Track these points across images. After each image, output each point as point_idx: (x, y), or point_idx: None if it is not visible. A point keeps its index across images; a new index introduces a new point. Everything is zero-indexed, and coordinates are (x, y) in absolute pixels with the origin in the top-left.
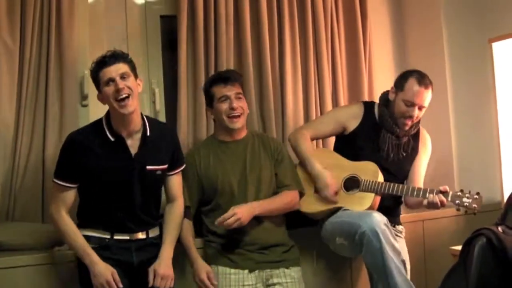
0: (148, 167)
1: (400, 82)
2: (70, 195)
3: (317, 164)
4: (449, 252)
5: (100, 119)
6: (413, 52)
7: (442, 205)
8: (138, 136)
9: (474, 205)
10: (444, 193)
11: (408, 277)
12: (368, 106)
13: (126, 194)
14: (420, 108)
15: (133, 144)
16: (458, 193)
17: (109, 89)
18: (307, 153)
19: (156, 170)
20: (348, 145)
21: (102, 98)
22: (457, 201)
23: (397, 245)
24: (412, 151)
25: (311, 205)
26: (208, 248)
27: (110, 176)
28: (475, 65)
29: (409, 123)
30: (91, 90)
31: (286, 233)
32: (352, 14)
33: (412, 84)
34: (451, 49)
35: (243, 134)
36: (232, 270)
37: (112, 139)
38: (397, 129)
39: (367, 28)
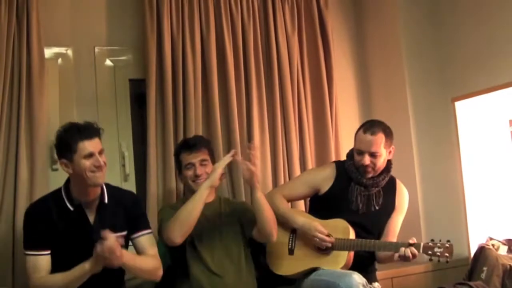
0: None
1: (356, 133)
2: (47, 261)
3: (300, 217)
4: None
5: (59, 189)
6: (378, 110)
7: (414, 257)
8: (96, 203)
9: (446, 254)
10: (414, 245)
11: None
12: (340, 165)
13: None
14: (371, 155)
15: (91, 213)
16: (429, 244)
17: (87, 162)
18: (286, 210)
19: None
20: (323, 205)
21: (72, 167)
22: (429, 252)
23: None
24: (388, 205)
25: (289, 268)
26: None
27: (70, 244)
28: (438, 121)
29: (369, 170)
30: None
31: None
32: (318, 78)
33: (359, 134)
34: (415, 107)
35: (211, 198)
36: None
37: (71, 208)
38: (363, 179)
39: (333, 90)
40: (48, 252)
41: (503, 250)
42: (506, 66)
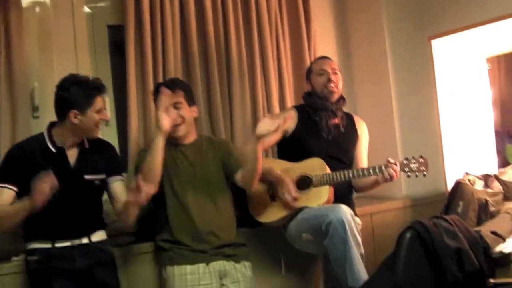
0: (86, 176)
1: (308, 72)
2: (9, 195)
3: (277, 170)
4: None
5: (41, 133)
6: (357, 50)
7: (395, 172)
8: (76, 148)
9: (422, 168)
10: (390, 163)
11: None
12: (299, 107)
13: (66, 202)
14: (334, 73)
15: (72, 156)
16: (405, 161)
17: (98, 117)
18: (264, 166)
19: (94, 180)
20: (293, 146)
21: (82, 119)
22: (405, 169)
23: (359, 238)
24: (352, 135)
25: (271, 214)
26: (163, 251)
27: None
28: (416, 60)
29: (333, 87)
30: (41, 101)
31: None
32: (296, 16)
33: (316, 62)
34: (393, 47)
35: (191, 138)
36: (188, 269)
37: (54, 150)
38: (328, 103)
39: (311, 29)
40: (15, 188)
41: (479, 185)
42: (482, 3)
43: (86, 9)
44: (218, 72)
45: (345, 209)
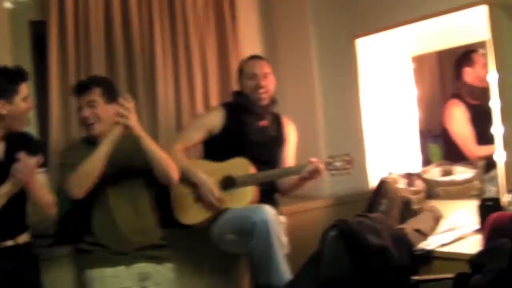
0: None
1: (239, 72)
2: None
3: (199, 172)
4: None
5: None
6: (282, 47)
7: (319, 173)
8: (3, 142)
9: (346, 166)
10: (313, 163)
11: None
12: (227, 105)
13: None
14: (265, 76)
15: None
16: (329, 160)
17: (24, 104)
18: (186, 165)
19: None
20: (219, 146)
21: (9, 108)
22: (330, 167)
23: (283, 238)
24: (280, 136)
25: (196, 216)
26: (83, 254)
27: None
28: (341, 60)
29: (264, 92)
30: None
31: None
32: (221, 15)
33: (247, 63)
34: (318, 45)
35: None
36: (109, 272)
37: None
38: (257, 107)
39: (237, 28)
40: None
41: (402, 183)
42: (407, 3)
43: (7, 4)
44: (142, 70)
45: (269, 210)
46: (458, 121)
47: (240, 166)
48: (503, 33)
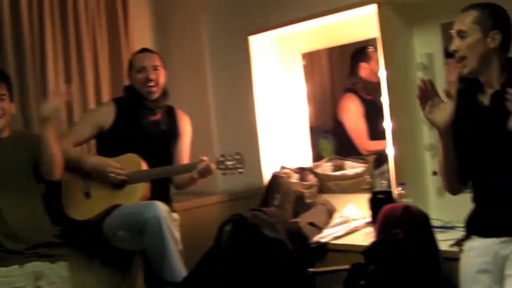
0: None
1: (129, 66)
2: None
3: (90, 157)
4: None
5: None
6: (175, 46)
7: (210, 171)
8: None
9: (238, 165)
10: (203, 161)
11: None
12: (118, 100)
13: None
14: (155, 69)
15: None
16: (221, 159)
17: None
18: (76, 154)
19: None
20: (111, 142)
21: None
22: (221, 166)
23: (177, 235)
24: (173, 130)
25: (87, 211)
26: None
27: None
28: (234, 57)
29: (154, 86)
30: None
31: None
32: (113, 10)
33: (137, 56)
34: (211, 42)
35: (5, 133)
36: (2, 272)
37: None
38: (148, 102)
39: (128, 24)
40: None
41: (295, 178)
42: (299, 0)
43: None
44: (32, 67)
45: (161, 206)
46: (353, 115)
47: (131, 162)
48: (391, 31)
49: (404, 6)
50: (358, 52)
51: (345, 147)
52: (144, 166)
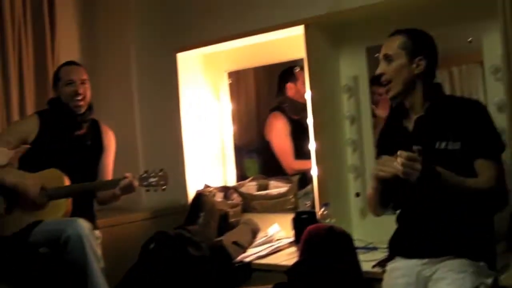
0: None
1: (55, 79)
2: None
3: (10, 176)
4: None
5: None
6: (102, 60)
7: (132, 188)
8: None
9: (161, 182)
10: (126, 178)
11: None
12: (42, 113)
13: None
14: (82, 83)
15: None
16: (144, 175)
17: None
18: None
19: None
20: (34, 156)
21: None
22: (144, 183)
23: (99, 252)
24: (98, 145)
25: (8, 227)
26: None
27: None
28: (162, 73)
29: (81, 100)
30: None
31: None
32: (40, 23)
33: (63, 69)
34: (139, 57)
35: None
36: None
37: None
38: (73, 115)
39: (55, 37)
40: None
41: (219, 196)
42: (224, 21)
43: None
44: None
45: (83, 223)
46: (279, 134)
47: (53, 177)
48: (317, 52)
49: (331, 28)
50: (286, 72)
51: (270, 167)
52: (66, 181)
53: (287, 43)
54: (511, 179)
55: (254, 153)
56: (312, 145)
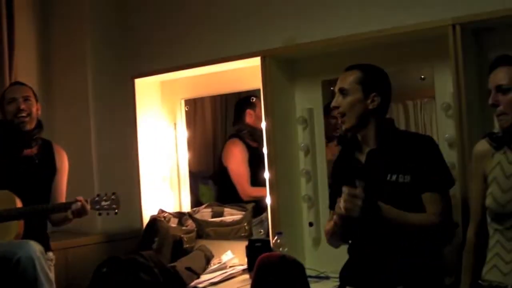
0: None
1: (1, 100)
2: None
3: None
4: None
5: None
6: (59, 84)
7: (84, 211)
8: None
9: (113, 206)
10: (78, 202)
11: None
12: None
13: None
14: (26, 99)
15: None
16: (96, 199)
17: None
18: None
19: None
20: None
21: None
22: (96, 206)
23: (50, 275)
24: (49, 165)
25: None
26: None
27: None
28: (119, 99)
29: (24, 116)
30: None
31: None
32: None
33: (8, 89)
34: (96, 82)
35: None
36: None
37: None
38: (20, 133)
39: (13, 59)
40: None
41: (174, 222)
42: (184, 48)
43: None
44: None
45: (34, 246)
46: (237, 160)
47: (5, 199)
48: (273, 83)
49: (287, 61)
50: (244, 100)
51: (225, 194)
52: (18, 203)
53: (244, 73)
54: (460, 213)
55: (209, 180)
56: (266, 174)
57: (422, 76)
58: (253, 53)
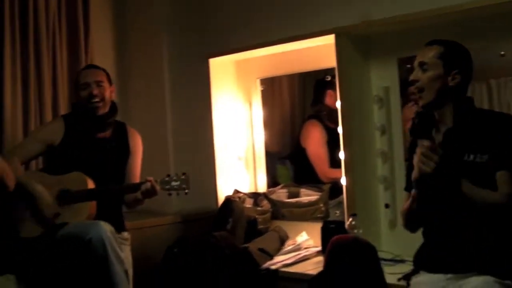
0: None
1: (74, 83)
2: None
3: (38, 185)
4: None
5: None
6: (134, 64)
7: (154, 191)
8: None
9: (183, 186)
10: (148, 182)
11: (131, 284)
12: (68, 117)
13: None
14: (98, 84)
15: None
16: (166, 179)
17: None
18: (24, 178)
19: None
20: (59, 158)
21: None
22: (166, 186)
23: (121, 254)
24: (123, 147)
25: (33, 230)
26: None
27: None
28: (194, 78)
29: (98, 101)
30: None
31: None
32: (74, 27)
33: (81, 73)
34: (171, 62)
35: None
36: None
37: None
38: (94, 117)
39: (89, 40)
40: None
41: (249, 203)
42: (259, 26)
43: None
44: None
45: (104, 226)
46: (316, 142)
47: (77, 180)
48: (348, 62)
49: (362, 38)
50: (323, 80)
51: (303, 174)
52: (90, 184)
53: (321, 51)
54: None
55: (286, 160)
56: (342, 154)
57: (502, 52)
58: (327, 31)
